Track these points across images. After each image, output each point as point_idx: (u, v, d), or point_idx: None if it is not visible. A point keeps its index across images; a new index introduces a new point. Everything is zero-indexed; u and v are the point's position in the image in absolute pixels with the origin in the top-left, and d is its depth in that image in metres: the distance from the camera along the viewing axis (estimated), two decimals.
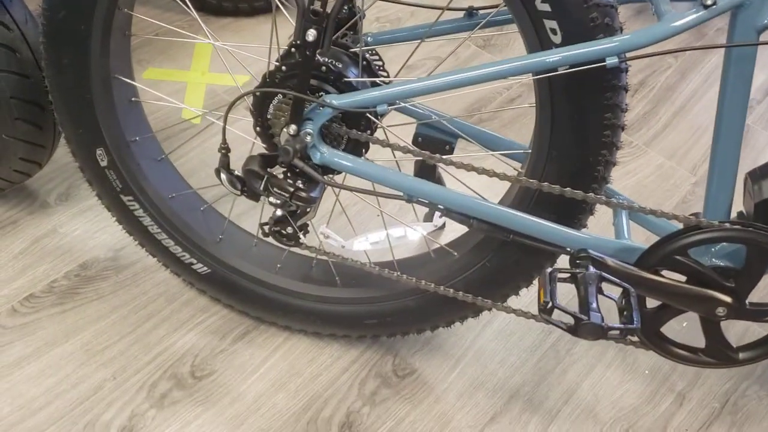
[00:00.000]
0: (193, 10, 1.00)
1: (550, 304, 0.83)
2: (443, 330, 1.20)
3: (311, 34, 0.84)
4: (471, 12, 1.01)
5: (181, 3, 1.00)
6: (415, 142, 1.11)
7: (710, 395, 1.22)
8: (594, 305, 0.84)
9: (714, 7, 0.79)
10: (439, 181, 1.18)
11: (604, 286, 0.90)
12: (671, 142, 1.70)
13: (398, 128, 1.05)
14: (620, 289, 0.90)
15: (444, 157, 0.92)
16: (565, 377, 1.23)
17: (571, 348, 1.26)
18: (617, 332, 0.82)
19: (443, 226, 1.35)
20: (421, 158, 0.92)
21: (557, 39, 0.82)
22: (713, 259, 0.94)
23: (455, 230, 1.02)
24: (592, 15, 0.80)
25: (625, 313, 0.85)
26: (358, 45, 0.96)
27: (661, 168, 1.63)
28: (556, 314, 0.86)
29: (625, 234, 0.99)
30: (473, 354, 1.24)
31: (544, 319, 0.85)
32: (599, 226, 1.05)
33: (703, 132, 1.72)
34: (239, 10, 1.83)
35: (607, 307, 0.89)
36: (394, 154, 1.00)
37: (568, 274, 0.88)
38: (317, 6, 0.82)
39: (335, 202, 1.16)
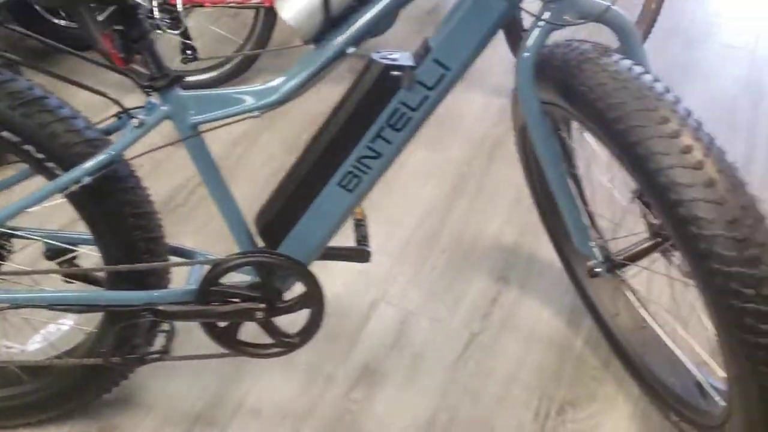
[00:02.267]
0: None
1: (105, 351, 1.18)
2: (137, 385, 1.50)
3: None
4: None
5: None
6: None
7: (343, 369, 1.58)
8: (141, 341, 1.19)
9: (146, 125, 1.15)
10: None
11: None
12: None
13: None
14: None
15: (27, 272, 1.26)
16: (238, 391, 1.55)
17: (240, 365, 1.58)
18: (156, 356, 1.18)
19: None
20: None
21: (60, 172, 1.17)
22: (248, 278, 1.30)
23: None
24: (76, 150, 1.16)
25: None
26: None
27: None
28: None
29: (191, 280, 1.33)
30: (163, 397, 1.54)
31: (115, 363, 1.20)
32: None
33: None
34: None
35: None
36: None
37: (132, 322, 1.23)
38: None
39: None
